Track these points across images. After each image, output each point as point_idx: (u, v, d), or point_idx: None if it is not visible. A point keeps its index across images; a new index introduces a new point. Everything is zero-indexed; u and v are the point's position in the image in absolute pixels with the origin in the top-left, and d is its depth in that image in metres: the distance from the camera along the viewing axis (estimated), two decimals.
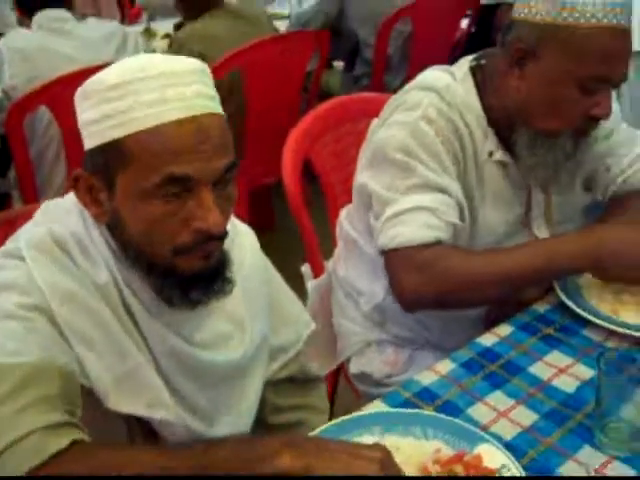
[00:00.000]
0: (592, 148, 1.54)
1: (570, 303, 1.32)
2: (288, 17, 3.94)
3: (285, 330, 1.27)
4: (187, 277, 1.00)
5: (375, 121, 1.54)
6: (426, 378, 1.19)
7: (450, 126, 1.39)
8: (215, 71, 2.49)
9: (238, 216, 2.91)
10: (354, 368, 1.65)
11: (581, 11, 1.28)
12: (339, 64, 3.99)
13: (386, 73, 3.55)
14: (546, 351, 1.25)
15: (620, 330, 1.26)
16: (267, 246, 1.28)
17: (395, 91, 1.55)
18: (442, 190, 1.36)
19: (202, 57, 2.58)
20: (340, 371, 1.76)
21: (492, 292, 1.34)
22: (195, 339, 1.08)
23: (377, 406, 1.14)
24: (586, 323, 1.30)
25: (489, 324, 1.38)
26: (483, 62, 1.46)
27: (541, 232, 1.53)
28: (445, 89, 1.41)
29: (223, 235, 1.00)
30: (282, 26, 3.69)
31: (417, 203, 1.34)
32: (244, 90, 2.68)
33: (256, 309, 1.19)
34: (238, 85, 2.68)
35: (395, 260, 1.36)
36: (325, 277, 1.73)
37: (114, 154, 0.96)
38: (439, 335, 1.56)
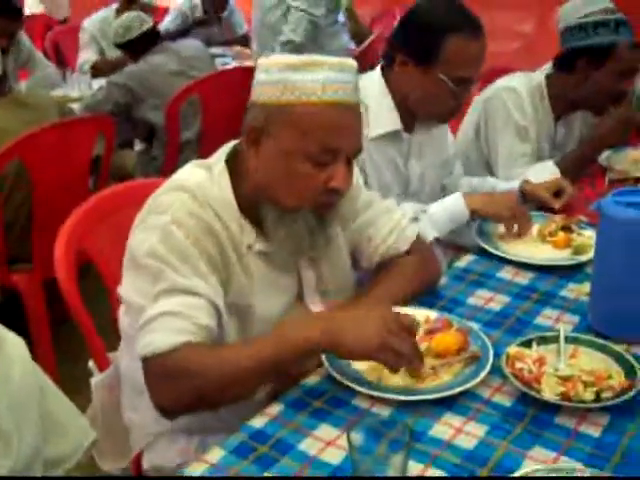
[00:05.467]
0: (353, 222, 1.63)
1: (335, 374, 1.37)
2: (80, 99, 3.90)
3: (62, 441, 1.23)
4: None
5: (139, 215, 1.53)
6: (198, 468, 1.19)
7: (202, 226, 1.41)
8: None
9: (34, 311, 2.80)
10: (146, 464, 1.62)
11: (301, 89, 1.36)
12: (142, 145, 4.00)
13: (182, 152, 3.60)
14: (315, 425, 1.28)
15: (384, 396, 1.32)
16: (65, 339, 1.25)
17: None
18: (192, 293, 1.36)
19: None
20: None
21: (247, 386, 1.35)
22: None
23: None
24: (353, 393, 1.34)
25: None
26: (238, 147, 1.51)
27: (316, 306, 1.59)
28: (197, 187, 1.44)
29: None
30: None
31: (164, 308, 1.34)
32: (28, 179, 2.62)
33: (25, 421, 1.13)
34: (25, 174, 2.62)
35: (148, 370, 1.35)
36: (111, 370, 1.70)
37: None
38: (228, 418, 1.57)
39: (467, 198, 2.00)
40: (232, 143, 1.55)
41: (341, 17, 4.52)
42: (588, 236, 1.92)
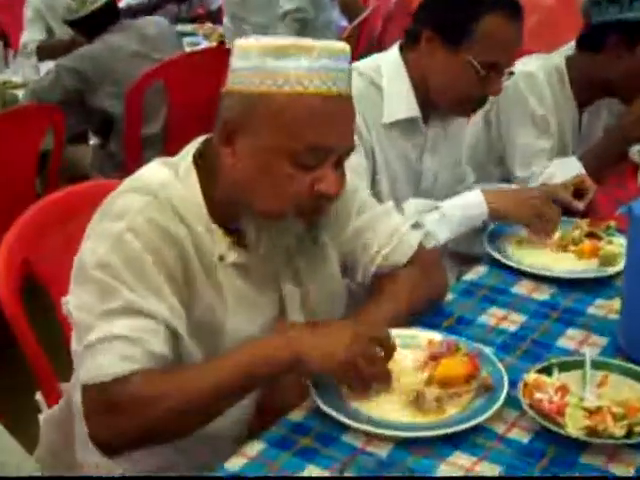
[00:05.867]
0: (346, 227, 1.64)
1: (328, 410, 1.37)
2: (25, 86, 3.91)
3: None
4: None
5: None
6: None
7: (163, 235, 1.41)
8: None
9: None
10: None
11: (284, 77, 1.36)
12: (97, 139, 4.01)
13: (145, 148, 3.61)
14: (301, 466, 1.29)
15: (381, 432, 1.33)
16: (8, 367, 1.24)
17: None
18: (146, 315, 1.37)
19: None
20: None
21: (206, 414, 1.37)
22: None
23: None
24: (345, 428, 1.35)
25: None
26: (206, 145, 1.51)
27: None
28: (160, 188, 1.45)
29: None
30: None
31: (114, 331, 1.35)
32: None
33: None
34: None
35: (89, 398, 1.36)
36: (63, 403, 1.70)
37: None
38: (201, 458, 1.57)
39: (486, 195, 2.03)
40: (202, 138, 1.55)
41: None
42: (618, 244, 1.94)
